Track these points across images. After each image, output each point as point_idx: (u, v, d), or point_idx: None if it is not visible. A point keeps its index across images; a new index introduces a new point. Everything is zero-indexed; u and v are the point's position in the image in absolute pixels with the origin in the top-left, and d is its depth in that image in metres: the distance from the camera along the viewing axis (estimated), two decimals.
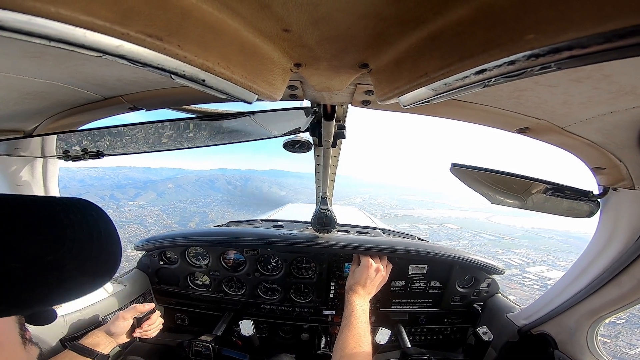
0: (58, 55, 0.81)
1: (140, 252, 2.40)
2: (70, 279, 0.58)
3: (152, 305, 1.84)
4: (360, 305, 1.71)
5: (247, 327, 1.97)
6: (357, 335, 1.51)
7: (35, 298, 0.54)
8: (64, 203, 0.61)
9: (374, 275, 1.87)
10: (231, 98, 0.67)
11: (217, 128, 1.30)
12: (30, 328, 0.64)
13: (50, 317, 0.67)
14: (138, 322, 1.73)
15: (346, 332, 1.53)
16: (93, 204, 0.67)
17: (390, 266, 2.05)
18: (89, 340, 1.55)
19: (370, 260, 1.93)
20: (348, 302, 1.75)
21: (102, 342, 1.58)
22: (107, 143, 1.33)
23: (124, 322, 1.69)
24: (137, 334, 1.74)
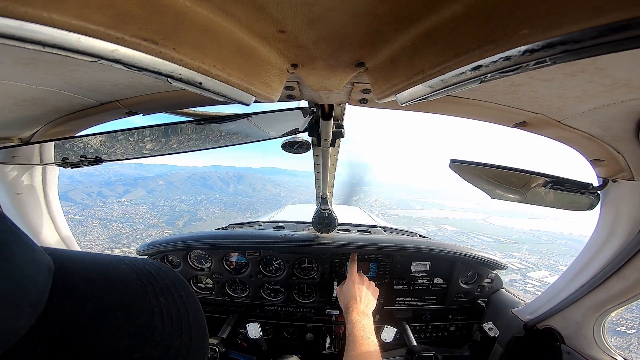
0: (50, 61, 0.81)
1: (142, 256, 2.39)
2: None
3: None
4: (358, 321, 1.60)
5: (254, 330, 1.95)
6: (358, 355, 1.44)
7: None
8: (150, 277, 0.51)
9: (361, 285, 1.80)
10: (228, 100, 0.67)
11: (215, 131, 1.30)
12: None
13: None
14: None
15: (350, 354, 1.46)
16: (180, 277, 0.56)
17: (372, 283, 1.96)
18: None
19: (350, 273, 1.89)
20: (346, 322, 1.65)
21: None
22: (105, 149, 1.32)
23: None
24: None
